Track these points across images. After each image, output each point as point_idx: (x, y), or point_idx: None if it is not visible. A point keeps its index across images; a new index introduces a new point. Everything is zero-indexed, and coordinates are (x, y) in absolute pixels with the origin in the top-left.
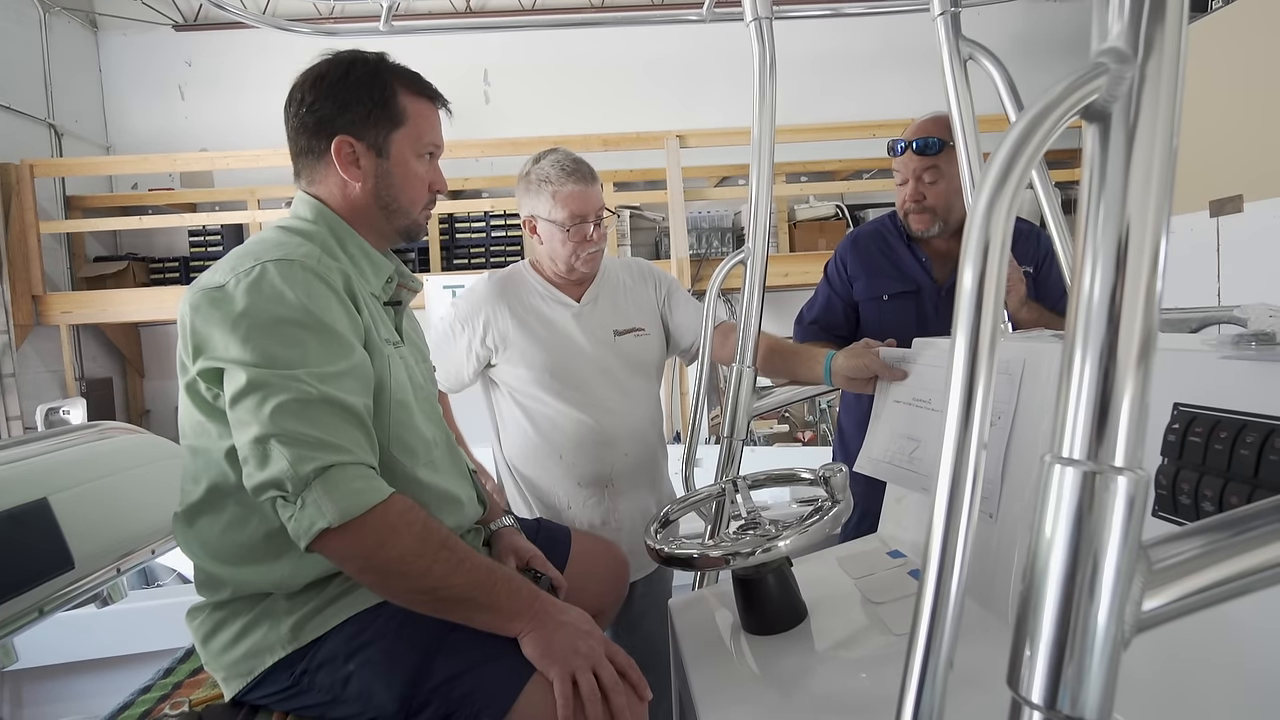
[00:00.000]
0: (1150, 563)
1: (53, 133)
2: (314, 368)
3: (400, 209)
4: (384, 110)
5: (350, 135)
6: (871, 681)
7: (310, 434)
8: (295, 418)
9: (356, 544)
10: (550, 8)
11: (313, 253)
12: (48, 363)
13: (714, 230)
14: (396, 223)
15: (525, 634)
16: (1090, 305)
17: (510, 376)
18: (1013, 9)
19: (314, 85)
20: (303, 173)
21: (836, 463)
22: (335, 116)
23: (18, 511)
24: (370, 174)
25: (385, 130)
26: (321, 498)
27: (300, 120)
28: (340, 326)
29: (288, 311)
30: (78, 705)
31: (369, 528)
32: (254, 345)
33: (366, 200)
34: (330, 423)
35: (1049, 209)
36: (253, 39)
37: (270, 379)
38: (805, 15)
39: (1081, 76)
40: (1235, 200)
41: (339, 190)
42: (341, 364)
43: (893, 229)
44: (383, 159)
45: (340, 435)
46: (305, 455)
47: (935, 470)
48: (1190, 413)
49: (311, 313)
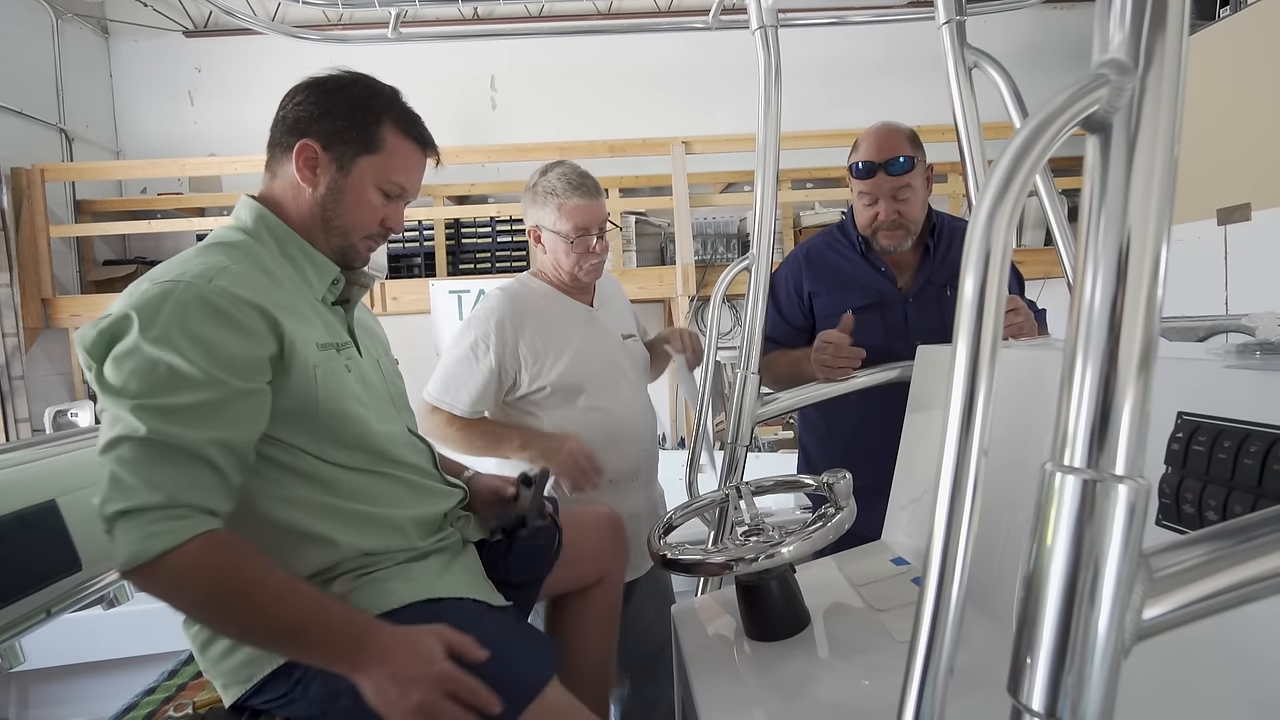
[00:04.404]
0: (1151, 571)
1: (63, 137)
2: (159, 400)
3: (340, 229)
4: (361, 132)
5: (317, 142)
6: (874, 688)
7: (128, 475)
8: (120, 457)
9: (152, 587)
10: (557, 14)
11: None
12: (56, 365)
13: (719, 236)
14: (333, 241)
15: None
16: (1091, 314)
17: (539, 383)
18: (1020, 17)
19: (309, 88)
20: (269, 166)
21: (841, 470)
22: (312, 121)
23: (26, 513)
24: (323, 184)
25: (354, 150)
26: (119, 540)
27: (283, 114)
28: (218, 361)
29: (157, 345)
30: (82, 707)
31: (160, 573)
32: (115, 364)
33: (312, 209)
34: (156, 464)
35: (1054, 217)
36: (262, 46)
37: (116, 409)
38: (810, 23)
39: (1083, 88)
40: (1243, 208)
41: (290, 191)
42: (199, 396)
43: (844, 241)
44: (340, 174)
45: (164, 476)
46: (115, 495)
47: (936, 478)
48: (1194, 422)
49: (175, 345)
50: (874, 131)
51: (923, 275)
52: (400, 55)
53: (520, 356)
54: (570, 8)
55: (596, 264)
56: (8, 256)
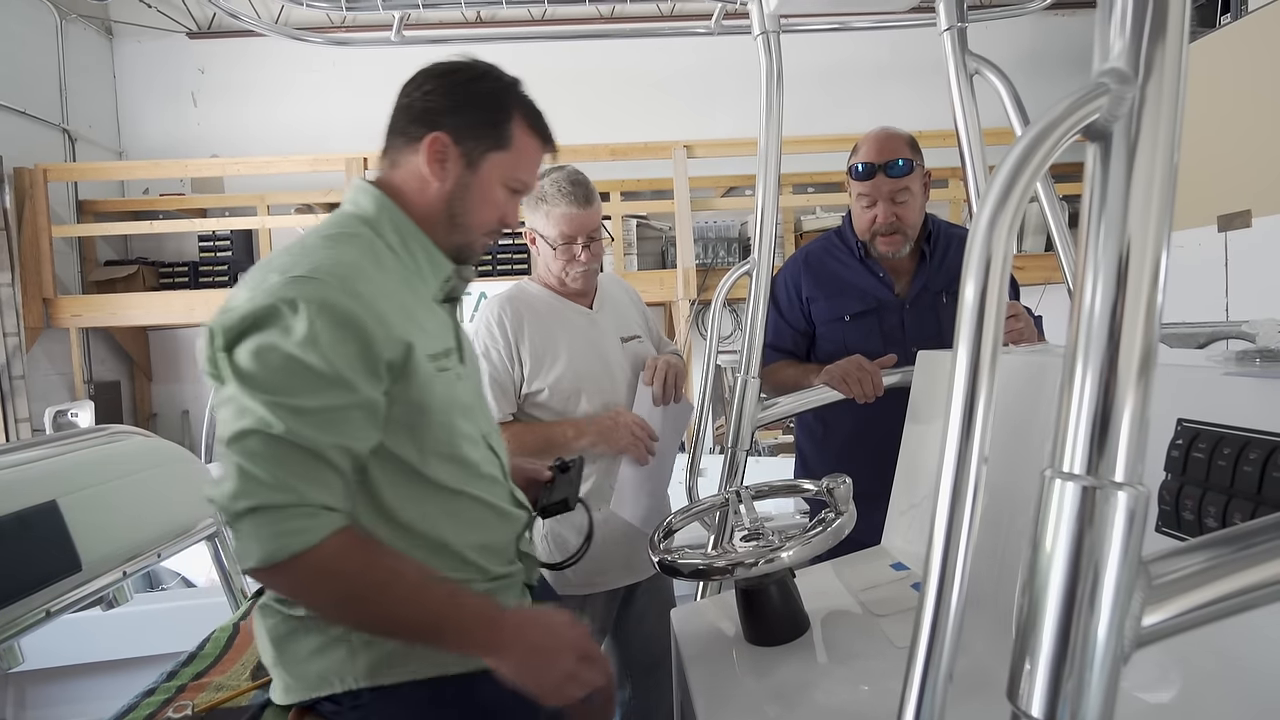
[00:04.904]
0: (1150, 578)
1: (66, 138)
2: (294, 400)
3: (465, 225)
4: (492, 128)
5: (449, 135)
6: (873, 694)
7: (260, 471)
8: (252, 452)
9: (286, 584)
10: (560, 19)
11: (343, 271)
12: (57, 365)
13: (720, 240)
14: (455, 237)
15: (502, 660)
16: (1091, 320)
17: (537, 384)
18: (1022, 23)
19: (440, 76)
20: (388, 154)
21: (840, 475)
22: (443, 113)
23: (27, 514)
24: (451, 179)
25: (485, 146)
26: (250, 536)
27: (409, 101)
28: (344, 365)
29: (289, 341)
30: (81, 708)
31: (298, 572)
32: (251, 357)
33: (437, 203)
34: (287, 462)
35: (1054, 223)
36: (265, 47)
37: (247, 401)
38: (812, 29)
39: (1083, 96)
40: (1243, 215)
41: (414, 183)
42: (330, 400)
43: (842, 246)
44: (469, 170)
45: (295, 476)
46: (246, 490)
47: (936, 484)
48: (1194, 429)
49: (312, 345)
50: (874, 135)
51: (919, 281)
52: (403, 58)
53: (521, 358)
54: (573, 12)
55: (582, 271)
56: (9, 256)
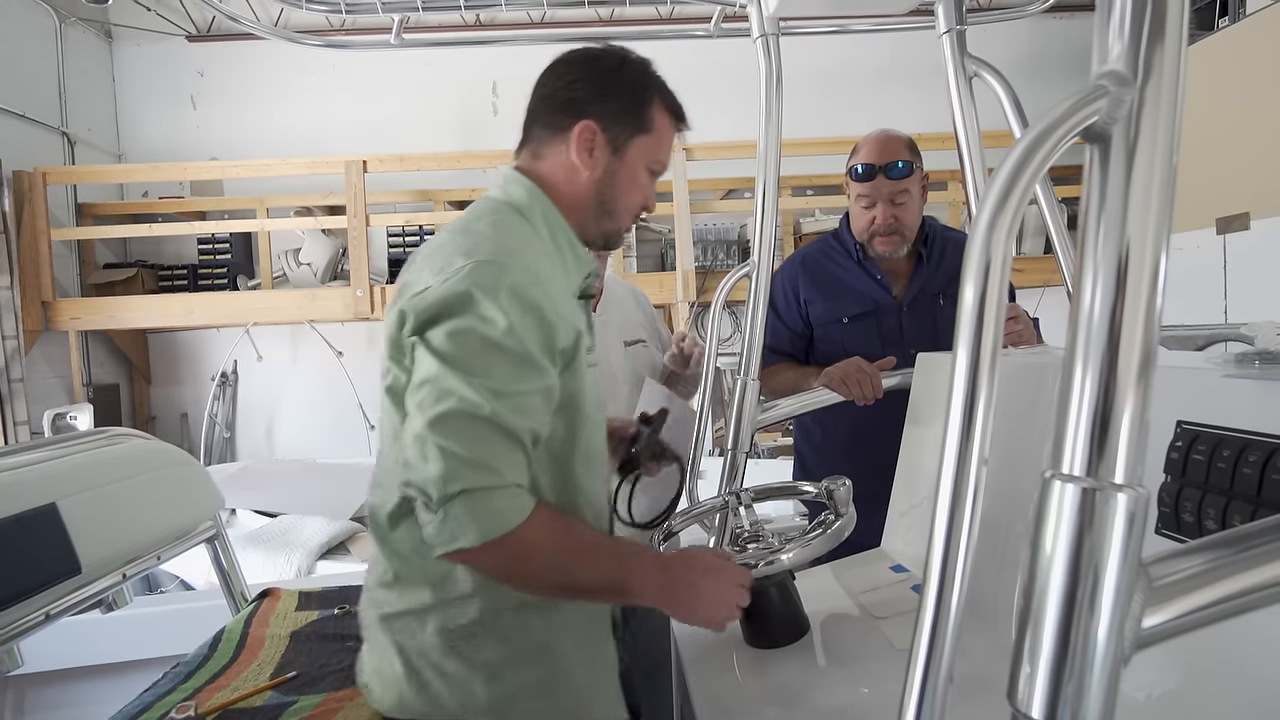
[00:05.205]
0: (1150, 580)
1: (65, 141)
2: (493, 383)
3: (615, 212)
4: (636, 113)
5: (597, 123)
6: (873, 696)
7: (466, 453)
8: (458, 433)
9: (496, 561)
10: (559, 21)
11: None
12: (56, 368)
13: (719, 243)
14: (605, 224)
15: (660, 600)
16: (1091, 322)
17: None
18: (1021, 26)
19: (583, 65)
20: (529, 144)
21: (840, 477)
22: (590, 101)
23: (26, 516)
24: (600, 167)
25: (630, 131)
26: (463, 516)
27: (553, 91)
28: (534, 349)
29: (486, 326)
30: (80, 711)
31: (510, 546)
32: (449, 340)
33: (587, 192)
34: (491, 443)
35: (1053, 225)
36: (264, 50)
37: (451, 383)
38: (811, 31)
39: (1082, 99)
40: (1242, 217)
41: (561, 173)
42: (524, 385)
43: (840, 249)
44: (616, 157)
45: (497, 457)
46: (456, 472)
47: (936, 486)
48: (1193, 431)
49: (510, 330)
50: (874, 137)
51: (917, 284)
52: (403, 60)
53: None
54: (573, 14)
55: None
56: (8, 259)
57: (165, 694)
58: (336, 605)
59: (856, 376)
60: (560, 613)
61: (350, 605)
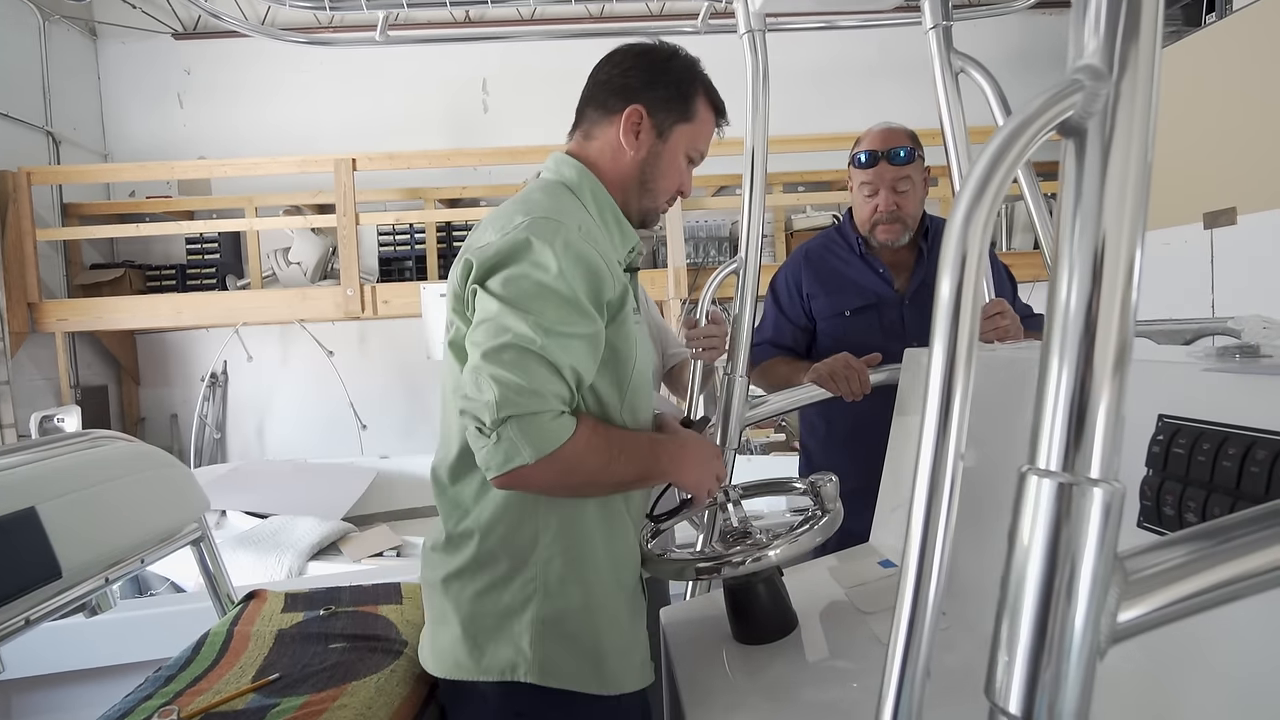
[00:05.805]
0: (1126, 574)
1: (50, 140)
2: (545, 321)
3: (654, 191)
4: (681, 102)
5: (645, 108)
6: (861, 691)
7: (519, 381)
8: (511, 364)
9: (550, 475)
10: (548, 18)
11: (576, 216)
12: (43, 370)
13: (711, 239)
14: (644, 202)
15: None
16: (1066, 317)
17: None
18: (1010, 23)
19: (638, 56)
20: (582, 125)
21: (827, 473)
22: (640, 88)
23: (4, 521)
24: (644, 148)
25: (674, 118)
26: (518, 437)
27: (608, 78)
28: (583, 297)
29: (541, 271)
30: (67, 716)
31: (561, 459)
32: (509, 285)
33: (631, 171)
34: (540, 374)
35: (1038, 220)
36: (251, 48)
37: (507, 320)
38: (798, 27)
39: (1057, 93)
40: (1229, 212)
41: (609, 153)
42: (572, 328)
43: (842, 242)
44: (660, 140)
45: (546, 386)
46: (510, 399)
47: (913, 482)
48: (1174, 424)
49: (561, 276)
50: (877, 127)
51: (918, 277)
52: (392, 57)
53: None
54: (561, 11)
55: None
56: None
57: (146, 698)
58: (323, 606)
59: (844, 373)
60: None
61: (337, 606)
